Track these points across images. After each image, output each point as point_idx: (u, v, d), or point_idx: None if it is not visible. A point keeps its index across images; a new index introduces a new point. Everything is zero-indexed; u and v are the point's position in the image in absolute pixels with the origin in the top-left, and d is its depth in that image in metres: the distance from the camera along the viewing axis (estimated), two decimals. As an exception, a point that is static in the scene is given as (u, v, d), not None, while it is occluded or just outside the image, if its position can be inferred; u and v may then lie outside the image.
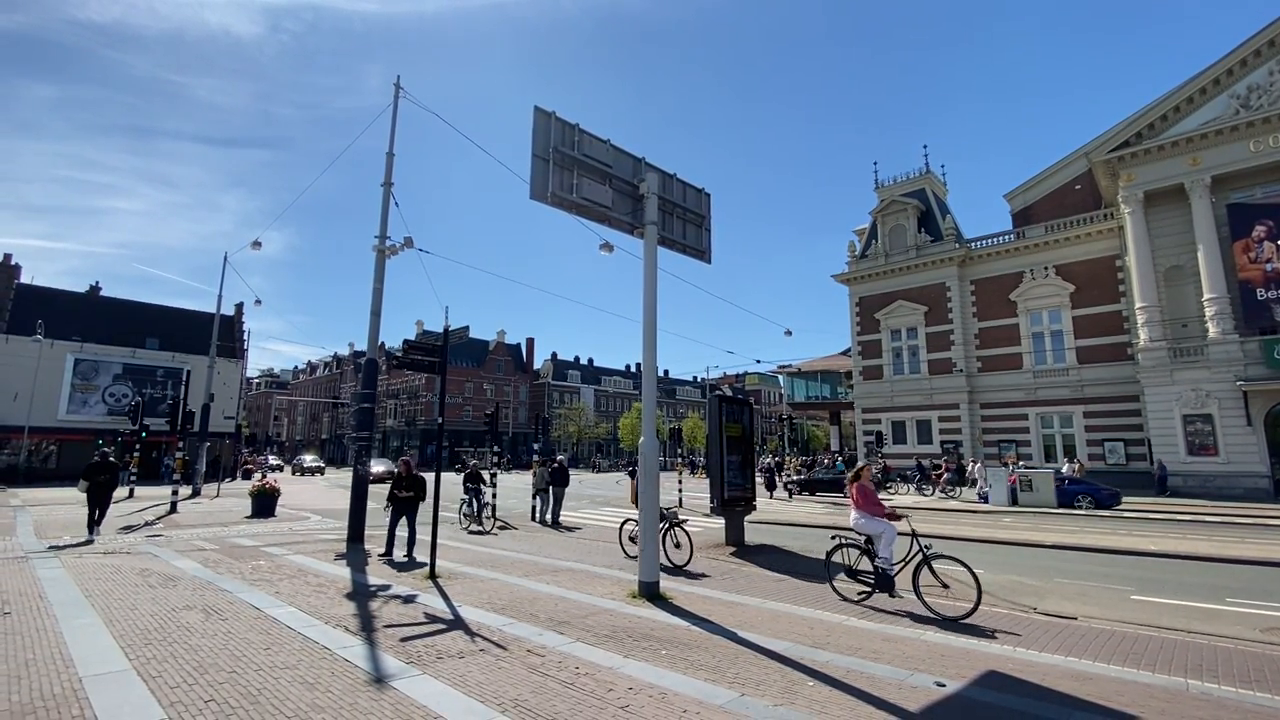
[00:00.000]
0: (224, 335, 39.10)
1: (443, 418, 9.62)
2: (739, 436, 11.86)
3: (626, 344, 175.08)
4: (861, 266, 36.25)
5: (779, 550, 11.54)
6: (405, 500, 10.53)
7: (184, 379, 23.63)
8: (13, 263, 43.93)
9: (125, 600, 6.93)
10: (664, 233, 8.85)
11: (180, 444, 24.41)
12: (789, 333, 26.11)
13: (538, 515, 15.99)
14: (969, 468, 27.41)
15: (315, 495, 26.33)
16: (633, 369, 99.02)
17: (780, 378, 57.50)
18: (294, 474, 46.18)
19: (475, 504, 14.72)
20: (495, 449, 19.89)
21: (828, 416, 47.56)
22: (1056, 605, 7.54)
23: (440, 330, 9.70)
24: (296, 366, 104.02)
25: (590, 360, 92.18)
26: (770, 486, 26.30)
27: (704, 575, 9.06)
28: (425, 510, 10.60)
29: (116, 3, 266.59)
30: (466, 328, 9.55)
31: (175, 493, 18.68)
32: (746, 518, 12.18)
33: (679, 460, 34.47)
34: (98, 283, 47.62)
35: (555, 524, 15.22)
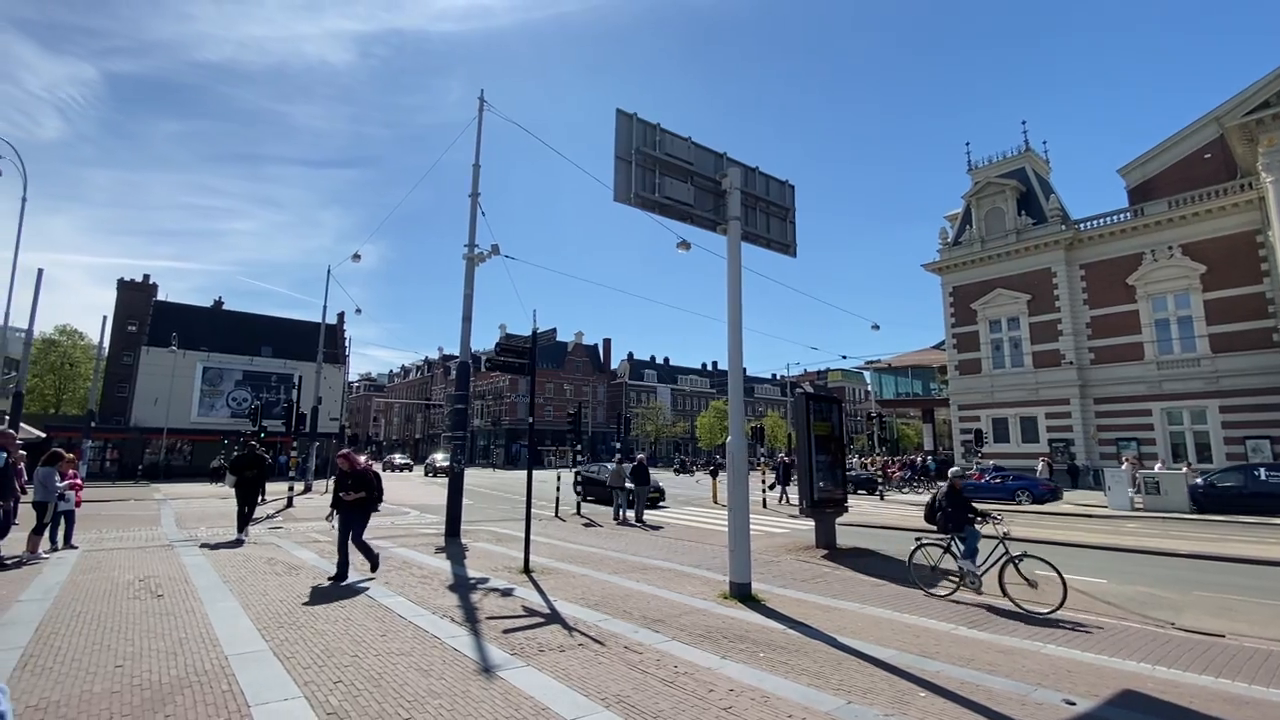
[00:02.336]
0: (328, 342, 42.08)
1: (533, 417, 9.91)
2: (828, 435, 11.50)
3: (702, 342, 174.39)
4: (954, 254, 34.22)
5: (873, 554, 11.09)
6: (354, 504, 8.08)
7: (295, 384, 25.67)
8: (151, 282, 49.25)
9: (258, 586, 7.58)
10: (747, 227, 8.71)
11: (294, 443, 26.54)
12: (876, 327, 25.03)
13: (620, 513, 16.18)
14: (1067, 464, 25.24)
15: (411, 491, 27.90)
16: (709, 367, 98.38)
17: (866, 374, 55.17)
18: (426, 474, 43.31)
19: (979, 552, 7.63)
20: (578, 447, 20.31)
21: (920, 414, 45.30)
22: (1198, 620, 6.80)
23: (524, 333, 10.02)
24: (391, 370, 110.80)
25: (666, 360, 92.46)
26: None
27: (795, 578, 8.84)
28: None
29: (228, 43, 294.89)
30: (554, 330, 9.82)
31: (291, 488, 20.37)
32: (837, 520, 11.78)
33: (760, 460, 33.88)
34: (220, 298, 52.64)
35: (639, 522, 15.35)
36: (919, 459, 35.73)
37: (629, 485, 16.48)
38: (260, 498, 12.85)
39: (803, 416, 10.96)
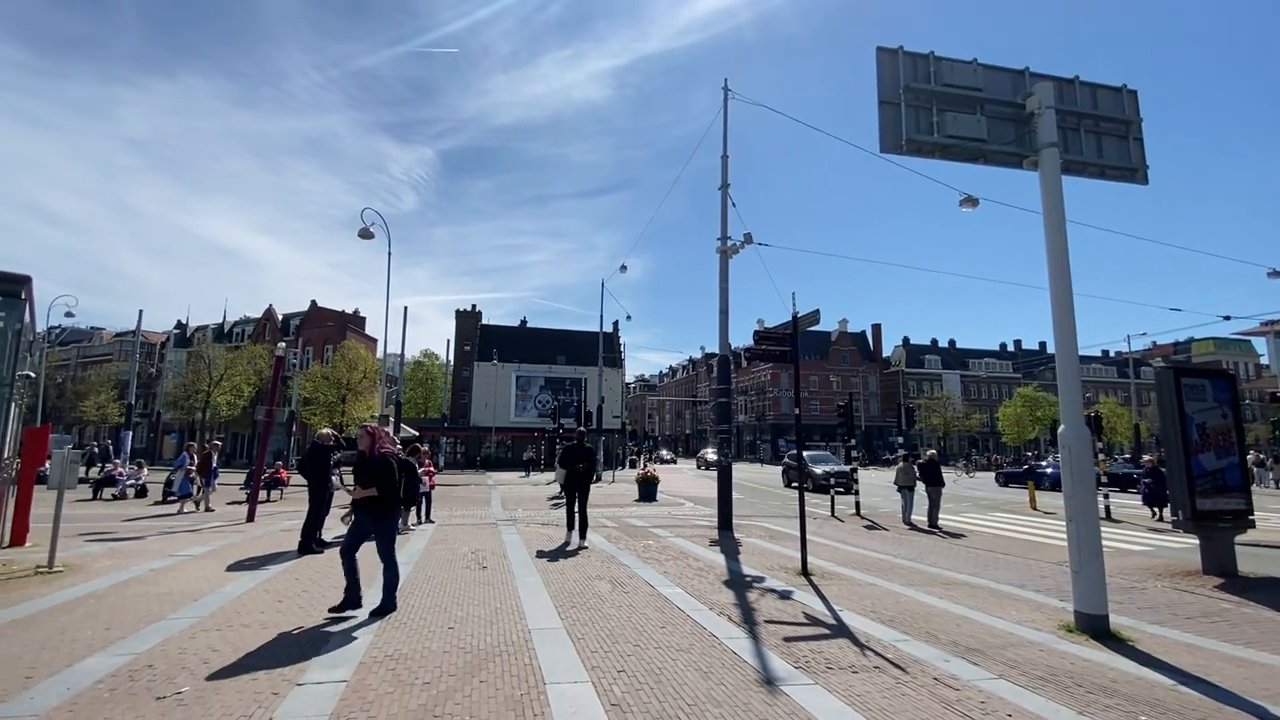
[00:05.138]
0: (607, 349, 46.78)
1: (799, 409, 9.22)
2: (1217, 424, 8.42)
3: (997, 319, 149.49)
4: None
5: (1308, 589, 7.75)
6: (365, 504, 5.71)
7: (583, 386, 28.92)
8: (477, 310, 60.86)
9: (556, 565, 8.34)
10: (1068, 155, 6.78)
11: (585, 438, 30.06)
12: (1277, 273, 17.78)
13: (908, 515, 14.37)
14: None
15: (685, 483, 29.20)
16: (1009, 348, 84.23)
17: (1260, 341, 40.07)
18: (698, 468, 46.18)
19: None
20: (851, 443, 18.78)
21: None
22: None
23: (778, 325, 9.41)
24: (661, 371, 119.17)
25: (952, 342, 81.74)
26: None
27: (1175, 614, 6.56)
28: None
29: (517, 105, 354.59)
30: (816, 311, 8.96)
31: (584, 478, 22.85)
32: (1237, 537, 8.55)
33: (1100, 458, 27.42)
34: (525, 319, 62.80)
35: (933, 527, 13.41)
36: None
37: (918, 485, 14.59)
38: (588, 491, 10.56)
39: (1170, 399, 8.19)
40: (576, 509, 10.14)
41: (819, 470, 22.75)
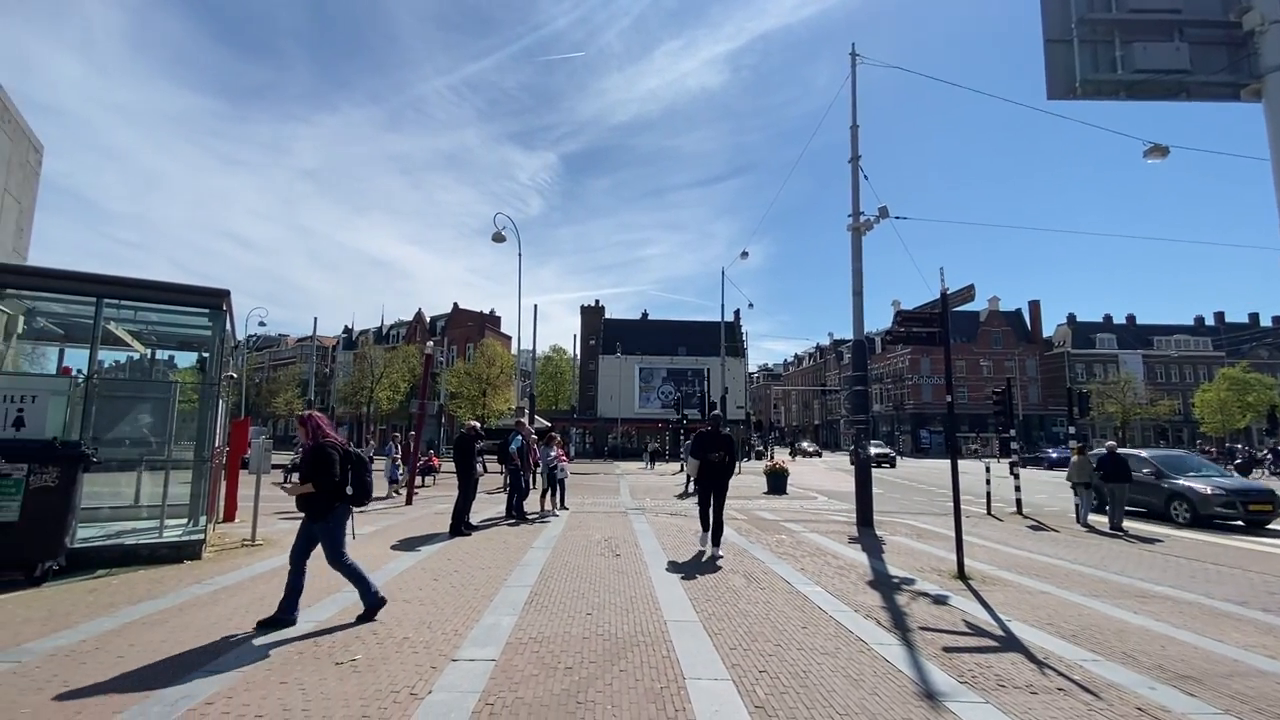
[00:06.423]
0: (729, 338, 46.13)
1: (951, 395, 8.38)
2: None
3: (1189, 288, 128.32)
4: None
5: None
6: (305, 502, 4.93)
7: (705, 377, 28.70)
8: (600, 305, 62.66)
9: (687, 556, 8.25)
10: (1306, 78, 5.48)
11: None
12: None
13: (1084, 516, 12.67)
14: None
15: (818, 476, 28.06)
16: (1208, 321, 72.12)
17: None
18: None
19: None
20: (1010, 433, 16.89)
21: None
22: None
23: (915, 307, 8.59)
24: (786, 360, 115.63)
25: (1130, 318, 71.44)
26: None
27: None
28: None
29: (632, 102, 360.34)
30: (970, 287, 8.04)
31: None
32: None
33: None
34: (646, 311, 63.54)
35: (1116, 530, 11.68)
36: None
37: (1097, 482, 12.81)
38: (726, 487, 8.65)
39: None
40: (712, 508, 8.41)
41: (1200, 488, 12.32)
